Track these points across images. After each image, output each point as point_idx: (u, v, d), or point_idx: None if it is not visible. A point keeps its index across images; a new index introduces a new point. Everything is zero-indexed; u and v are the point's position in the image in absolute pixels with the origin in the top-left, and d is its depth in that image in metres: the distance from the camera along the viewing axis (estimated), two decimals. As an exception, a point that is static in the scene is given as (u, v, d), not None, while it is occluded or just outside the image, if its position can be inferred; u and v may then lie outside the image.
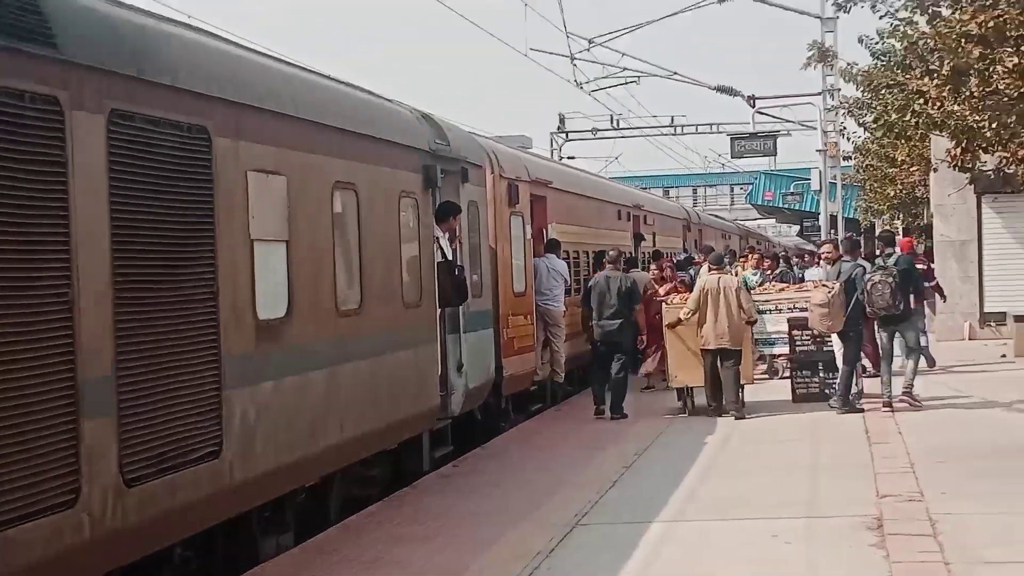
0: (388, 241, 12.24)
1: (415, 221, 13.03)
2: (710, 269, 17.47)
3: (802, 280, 21.77)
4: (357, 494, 12.20)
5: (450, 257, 13.81)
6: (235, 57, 9.70)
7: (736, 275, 21.48)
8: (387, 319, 12.11)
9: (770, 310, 18.58)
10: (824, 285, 19.58)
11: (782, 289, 20.02)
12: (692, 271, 21.43)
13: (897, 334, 16.88)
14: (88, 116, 7.31)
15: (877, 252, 17.76)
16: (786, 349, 19.03)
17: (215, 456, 8.68)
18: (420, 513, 11.45)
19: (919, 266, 21.74)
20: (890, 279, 16.29)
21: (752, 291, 18.04)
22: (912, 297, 17.21)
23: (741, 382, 16.89)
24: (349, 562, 9.67)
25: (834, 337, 16.95)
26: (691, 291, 17.45)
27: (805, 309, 18.59)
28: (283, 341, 9.83)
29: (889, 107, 20.18)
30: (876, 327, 17.14)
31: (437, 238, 13.64)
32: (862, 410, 16.43)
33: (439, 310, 13.72)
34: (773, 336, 18.49)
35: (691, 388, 17.22)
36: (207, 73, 8.89)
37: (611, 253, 18.24)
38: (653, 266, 20.72)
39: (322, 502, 11.32)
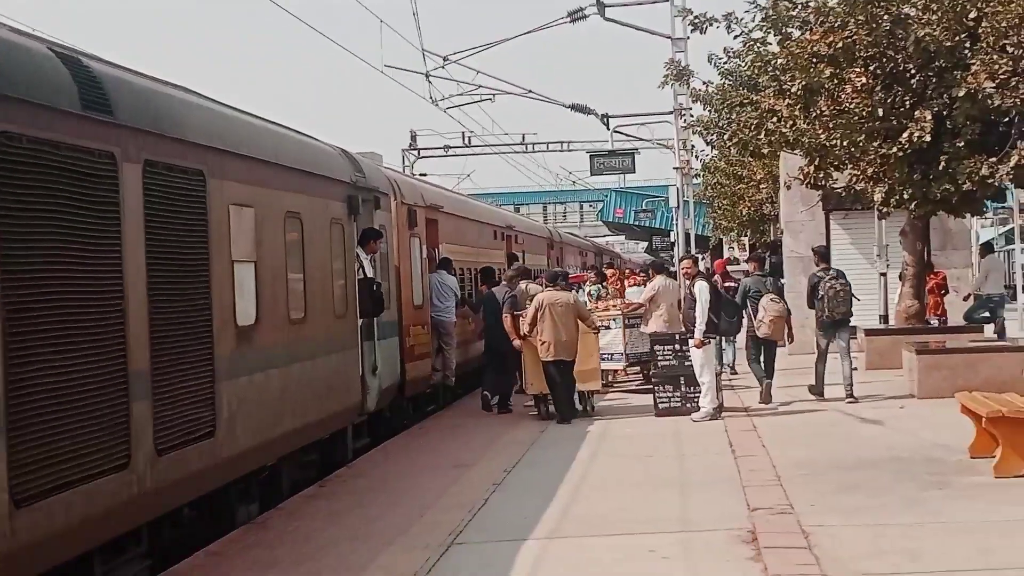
0: (323, 260, 14.41)
1: (342, 243, 15.22)
2: (546, 286, 18.77)
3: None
4: (298, 477, 14.28)
5: (370, 275, 16.03)
6: (219, 113, 11.87)
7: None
8: (323, 327, 14.27)
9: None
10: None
11: (607, 308, 21.77)
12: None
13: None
14: (132, 166, 9.40)
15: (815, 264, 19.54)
16: (611, 365, 20.81)
17: (211, 436, 10.79)
18: (287, 537, 11.15)
19: (729, 284, 23.44)
20: (849, 285, 18.54)
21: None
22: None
23: (589, 389, 18.64)
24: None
25: (693, 351, 17.53)
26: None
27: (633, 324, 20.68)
28: (253, 344, 11.96)
29: (743, 125, 20.44)
30: (819, 329, 18.79)
31: (360, 258, 15.85)
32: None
33: (360, 320, 15.90)
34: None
35: (545, 395, 18.41)
36: (202, 127, 11.03)
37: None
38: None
39: (275, 481, 13.40)
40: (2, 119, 7.64)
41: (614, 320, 20.83)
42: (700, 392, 17.53)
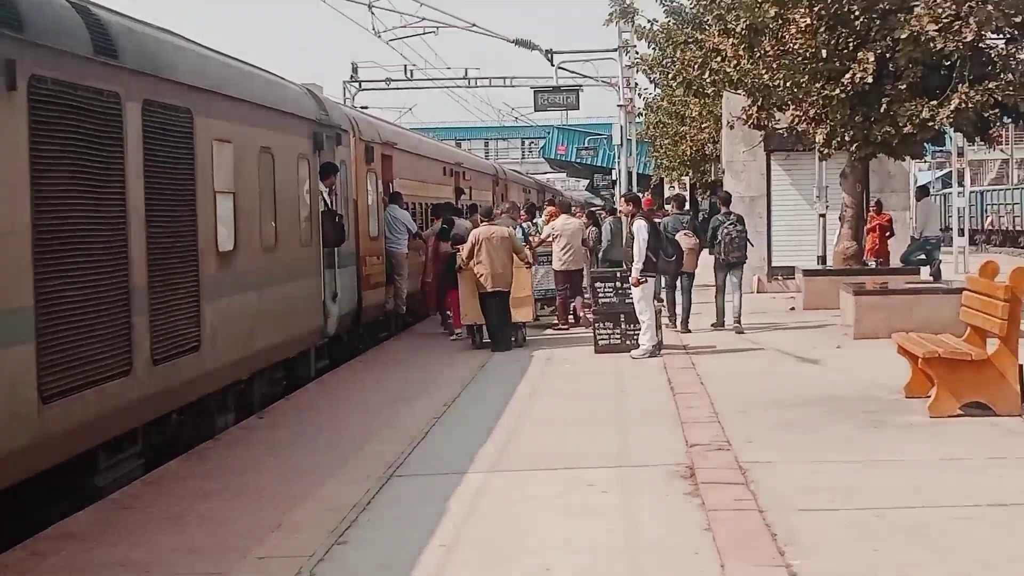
0: (291, 193, 15.53)
1: (308, 177, 16.35)
2: (481, 221, 19.65)
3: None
4: (267, 392, 15.45)
5: (331, 207, 17.16)
6: (203, 55, 12.94)
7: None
8: (291, 255, 15.42)
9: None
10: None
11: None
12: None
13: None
14: (133, 105, 10.49)
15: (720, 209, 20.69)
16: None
17: (197, 349, 11.95)
18: (226, 467, 11.13)
19: (656, 220, 24.79)
20: (745, 232, 19.85)
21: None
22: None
23: (520, 320, 19.43)
24: (153, 518, 9.29)
25: (633, 290, 17.64)
26: None
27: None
28: (232, 268, 13.10)
29: (687, 64, 20.56)
30: (715, 268, 20.15)
31: (321, 191, 16.97)
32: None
33: (322, 249, 17.05)
34: None
35: (479, 324, 19.38)
36: (191, 69, 12.11)
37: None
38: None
39: (248, 395, 14.57)
40: (33, 64, 8.71)
41: None
42: (640, 330, 17.67)
